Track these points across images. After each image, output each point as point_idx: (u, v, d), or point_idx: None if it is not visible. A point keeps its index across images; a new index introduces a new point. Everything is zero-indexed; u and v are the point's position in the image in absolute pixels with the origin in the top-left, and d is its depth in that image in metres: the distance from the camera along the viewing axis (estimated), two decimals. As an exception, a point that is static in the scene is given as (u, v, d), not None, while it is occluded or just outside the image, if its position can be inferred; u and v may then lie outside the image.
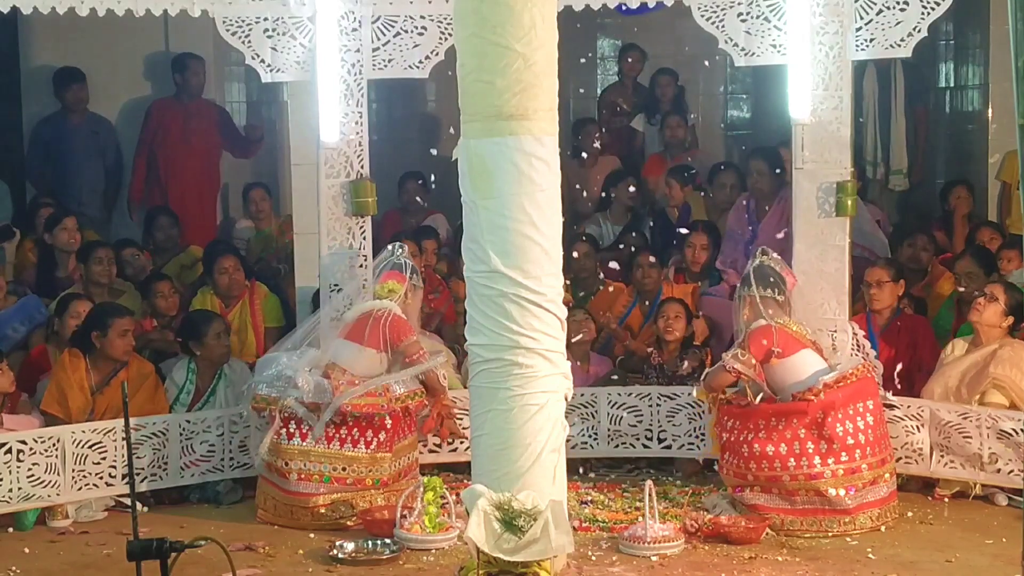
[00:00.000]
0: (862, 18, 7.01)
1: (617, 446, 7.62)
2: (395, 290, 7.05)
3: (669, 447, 7.57)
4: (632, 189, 9.60)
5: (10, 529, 6.85)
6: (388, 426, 6.85)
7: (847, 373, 6.68)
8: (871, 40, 7.02)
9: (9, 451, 6.74)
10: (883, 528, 6.58)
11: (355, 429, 6.83)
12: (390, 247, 7.27)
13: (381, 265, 7.20)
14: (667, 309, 7.86)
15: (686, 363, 7.67)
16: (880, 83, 10.03)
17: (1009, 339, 7.14)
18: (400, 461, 6.97)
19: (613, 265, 8.75)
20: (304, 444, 6.82)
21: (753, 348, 6.69)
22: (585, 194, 9.87)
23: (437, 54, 7.32)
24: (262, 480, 6.98)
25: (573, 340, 7.69)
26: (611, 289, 8.48)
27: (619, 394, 7.62)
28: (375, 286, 7.13)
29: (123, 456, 6.93)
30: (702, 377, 6.93)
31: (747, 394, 6.72)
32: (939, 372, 7.23)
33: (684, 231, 8.77)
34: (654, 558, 6.24)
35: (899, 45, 7.00)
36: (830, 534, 6.50)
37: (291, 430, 6.82)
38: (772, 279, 6.82)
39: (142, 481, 7.04)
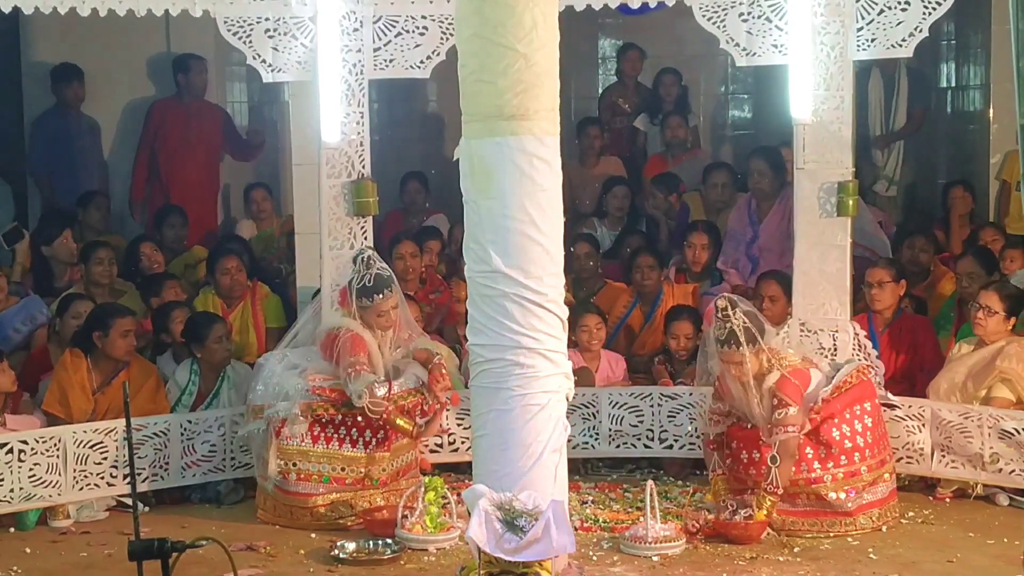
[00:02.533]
0: (863, 18, 7.01)
1: (618, 446, 7.61)
2: (346, 314, 6.99)
3: (670, 447, 7.57)
4: (620, 199, 9.59)
5: (11, 529, 6.85)
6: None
7: (841, 382, 6.62)
8: (872, 40, 7.02)
9: (10, 451, 6.74)
10: (884, 528, 6.58)
11: (353, 429, 6.83)
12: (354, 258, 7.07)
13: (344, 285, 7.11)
14: (676, 329, 7.81)
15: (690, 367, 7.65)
16: (885, 89, 9.98)
17: (1016, 337, 7.14)
18: (398, 460, 6.97)
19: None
20: (303, 444, 6.81)
21: (796, 399, 6.42)
22: (586, 195, 9.89)
23: (438, 54, 7.33)
24: (260, 477, 6.99)
25: (585, 349, 7.72)
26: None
27: (620, 394, 7.62)
28: None
29: (124, 456, 6.93)
30: (774, 461, 6.36)
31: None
32: (946, 368, 7.22)
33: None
34: (655, 558, 6.24)
35: (900, 45, 6.99)
36: (831, 534, 6.49)
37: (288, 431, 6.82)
38: (760, 329, 6.49)
39: (143, 481, 7.04)
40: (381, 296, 6.91)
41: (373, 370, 6.84)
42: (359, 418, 6.82)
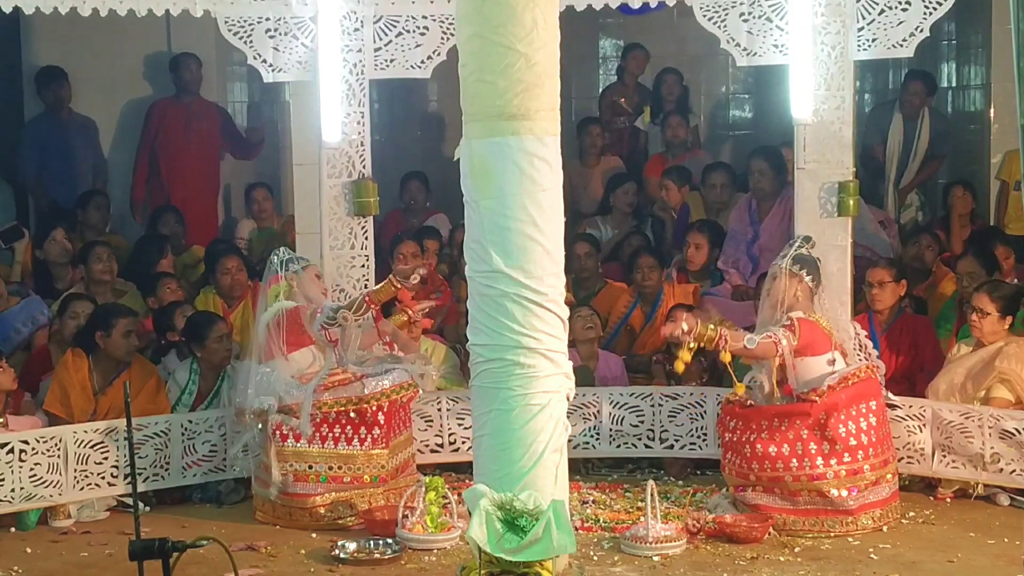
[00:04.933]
0: (864, 18, 7.01)
1: (619, 446, 7.62)
2: (277, 292, 6.96)
3: (671, 447, 7.57)
4: (631, 195, 9.61)
5: (12, 529, 6.85)
6: (381, 422, 6.85)
7: (850, 374, 6.68)
8: (873, 40, 7.02)
9: (11, 451, 6.74)
10: (885, 528, 6.58)
11: (348, 427, 6.82)
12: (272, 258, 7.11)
13: (265, 280, 7.12)
14: (676, 317, 7.81)
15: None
16: (906, 132, 9.92)
17: (1014, 337, 7.14)
18: (397, 457, 6.96)
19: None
20: (299, 445, 6.80)
21: (803, 336, 6.59)
22: (587, 194, 9.89)
23: (439, 54, 7.34)
24: (259, 481, 6.98)
25: (581, 340, 7.71)
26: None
27: (621, 394, 7.62)
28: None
29: (125, 456, 6.93)
30: (746, 342, 6.57)
31: (764, 386, 6.68)
32: (945, 369, 7.23)
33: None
34: (656, 558, 6.24)
35: (901, 45, 7.00)
36: (832, 534, 6.49)
37: (284, 432, 6.81)
38: (815, 269, 6.73)
39: (144, 481, 7.05)
40: (308, 261, 7.05)
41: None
42: (352, 414, 6.81)
